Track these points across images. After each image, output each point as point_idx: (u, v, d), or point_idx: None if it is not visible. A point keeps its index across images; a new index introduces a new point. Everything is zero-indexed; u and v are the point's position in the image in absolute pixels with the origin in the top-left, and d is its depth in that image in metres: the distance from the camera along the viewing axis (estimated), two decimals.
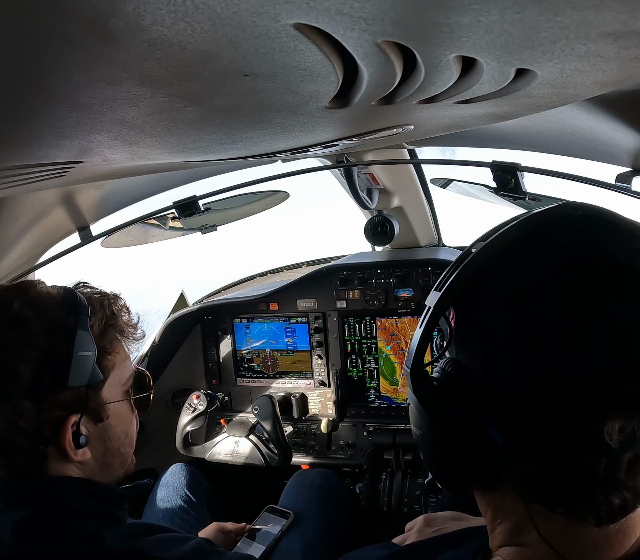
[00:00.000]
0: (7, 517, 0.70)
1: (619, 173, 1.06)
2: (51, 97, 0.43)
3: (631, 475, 0.45)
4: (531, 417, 0.47)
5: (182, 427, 1.69)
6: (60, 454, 0.74)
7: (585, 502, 0.46)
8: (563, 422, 0.45)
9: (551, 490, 0.48)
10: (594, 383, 0.44)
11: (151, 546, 0.75)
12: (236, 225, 1.69)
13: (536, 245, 0.50)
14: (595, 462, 0.44)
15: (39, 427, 0.72)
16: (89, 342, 0.75)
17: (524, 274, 0.49)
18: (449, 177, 1.64)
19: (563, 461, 0.46)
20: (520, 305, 0.48)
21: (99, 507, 0.76)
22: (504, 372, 0.48)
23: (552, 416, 0.45)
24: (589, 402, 0.44)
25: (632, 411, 0.43)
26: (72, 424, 0.73)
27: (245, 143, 0.76)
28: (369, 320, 1.79)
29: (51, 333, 0.72)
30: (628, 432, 0.43)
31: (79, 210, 1.29)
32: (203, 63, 0.39)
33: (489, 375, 0.50)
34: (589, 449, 0.44)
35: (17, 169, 0.69)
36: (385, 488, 1.68)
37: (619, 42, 0.41)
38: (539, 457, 0.47)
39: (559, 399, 0.45)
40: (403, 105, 0.60)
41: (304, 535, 1.37)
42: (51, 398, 0.72)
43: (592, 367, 0.44)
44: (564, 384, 0.45)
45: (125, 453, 0.85)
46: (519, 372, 0.47)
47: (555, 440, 0.46)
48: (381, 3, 0.31)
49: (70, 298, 0.77)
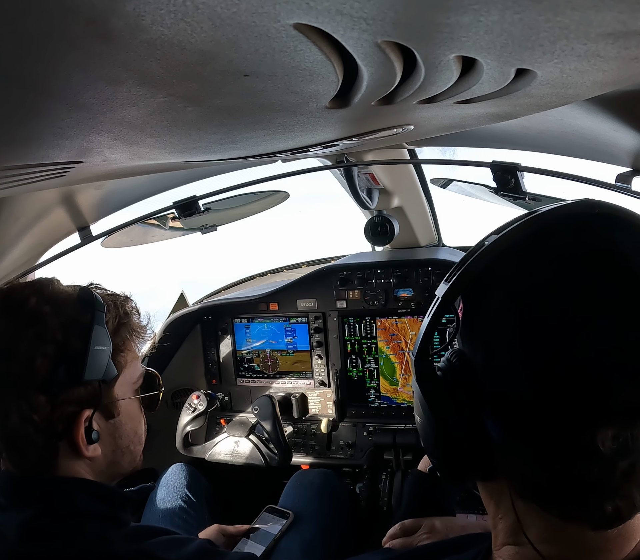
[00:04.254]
0: (13, 516, 0.71)
1: (619, 173, 1.06)
2: (51, 97, 0.43)
3: (626, 483, 0.44)
4: (526, 416, 0.47)
5: (182, 427, 1.69)
6: (72, 449, 0.75)
7: (578, 507, 0.46)
8: (557, 424, 0.44)
9: (545, 491, 0.48)
10: (591, 387, 0.43)
11: (155, 547, 0.75)
12: (236, 225, 1.69)
13: (546, 242, 0.49)
14: (588, 467, 0.44)
15: (53, 422, 0.73)
16: (105, 337, 0.76)
17: (531, 271, 0.48)
18: (449, 177, 1.64)
19: (556, 463, 0.46)
20: (525, 302, 0.47)
21: (105, 509, 0.76)
22: (504, 368, 0.48)
23: (547, 417, 0.45)
24: (584, 407, 0.43)
25: (627, 419, 0.42)
26: (85, 419, 0.75)
27: (245, 143, 0.76)
28: (369, 320, 1.79)
29: (67, 328, 0.73)
30: (622, 440, 0.42)
31: (79, 210, 1.29)
32: (203, 63, 0.39)
33: (489, 370, 0.50)
34: (582, 453, 0.43)
35: (17, 169, 0.69)
36: (385, 488, 1.68)
37: (619, 42, 0.41)
38: (533, 455, 0.47)
39: (555, 400, 0.44)
40: (403, 105, 0.60)
41: (303, 535, 1.37)
42: (66, 393, 0.73)
43: (591, 371, 0.43)
44: (560, 386, 0.44)
45: (135, 451, 0.87)
46: (518, 369, 0.47)
47: (548, 441, 0.46)
48: (381, 3, 0.31)
49: (86, 295, 0.78)
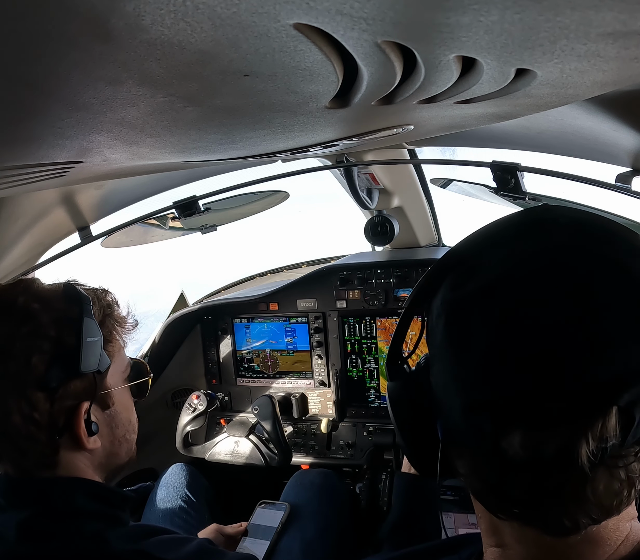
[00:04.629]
0: (11, 517, 0.71)
1: (619, 173, 1.06)
2: (51, 97, 0.43)
3: (556, 498, 0.43)
4: (456, 426, 0.47)
5: (182, 427, 1.69)
6: (73, 443, 0.76)
7: (521, 516, 0.46)
8: (476, 434, 0.44)
9: (486, 497, 0.48)
10: (507, 398, 0.42)
11: (154, 547, 0.75)
12: (236, 225, 1.69)
13: (488, 253, 0.49)
14: (517, 480, 0.43)
15: (54, 418, 0.73)
16: (95, 328, 0.78)
17: (461, 281, 0.48)
18: (449, 177, 1.64)
19: (485, 474, 0.46)
20: (452, 317, 0.47)
21: (103, 509, 0.76)
22: (438, 372, 0.50)
23: (470, 428, 0.45)
24: (500, 417, 0.43)
25: (541, 430, 0.41)
26: (84, 412, 0.76)
27: (245, 143, 0.76)
28: (369, 320, 1.79)
29: (59, 323, 0.74)
30: (538, 452, 0.41)
31: (79, 210, 1.29)
32: (203, 63, 0.39)
33: (433, 376, 0.51)
34: (506, 467, 0.43)
35: (17, 169, 0.69)
36: (385, 488, 1.68)
37: (619, 42, 0.41)
38: (468, 465, 0.48)
39: (472, 410, 0.44)
40: (403, 105, 0.60)
41: (303, 535, 1.37)
42: (63, 387, 0.74)
43: (513, 384, 0.42)
44: (477, 400, 0.44)
45: (130, 440, 0.88)
46: (447, 380, 0.48)
47: (475, 452, 0.46)
48: (381, 3, 0.31)
49: (71, 290, 0.80)
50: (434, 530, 0.99)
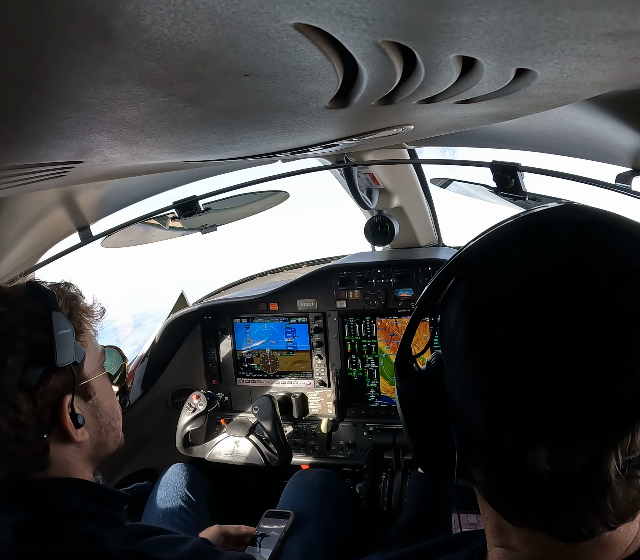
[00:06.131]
0: (7, 519, 0.71)
1: (619, 173, 1.06)
2: (51, 97, 0.43)
3: (573, 506, 0.42)
4: (474, 431, 0.46)
5: (182, 427, 1.69)
6: (62, 439, 0.77)
7: (535, 523, 0.45)
8: (497, 442, 0.43)
9: (501, 503, 0.47)
10: (531, 408, 0.41)
11: (150, 547, 0.75)
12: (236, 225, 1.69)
13: (498, 259, 0.47)
14: (533, 488, 0.43)
15: (39, 416, 0.73)
16: (65, 321, 0.78)
17: (483, 285, 0.47)
18: (449, 177, 1.64)
19: (502, 481, 0.45)
20: (473, 319, 0.46)
21: (99, 509, 0.76)
22: (455, 377, 0.48)
23: (489, 435, 0.44)
24: (523, 426, 0.42)
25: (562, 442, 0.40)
26: (68, 405, 0.76)
27: (245, 143, 0.76)
28: (369, 320, 1.79)
29: (28, 322, 0.74)
30: (559, 462, 0.40)
31: (79, 210, 1.29)
32: (203, 63, 0.39)
33: (448, 378, 0.50)
34: (522, 474, 0.42)
35: (17, 169, 0.69)
36: (385, 488, 1.68)
37: (619, 42, 0.41)
38: (484, 470, 0.47)
39: (496, 418, 0.43)
40: (403, 105, 0.60)
41: (304, 536, 1.37)
42: (43, 384, 0.74)
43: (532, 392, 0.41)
44: (500, 405, 0.43)
45: (116, 427, 0.89)
46: (465, 384, 0.46)
47: (493, 459, 0.45)
48: (381, 3, 0.31)
49: (35, 287, 0.80)
50: (445, 532, 0.99)
